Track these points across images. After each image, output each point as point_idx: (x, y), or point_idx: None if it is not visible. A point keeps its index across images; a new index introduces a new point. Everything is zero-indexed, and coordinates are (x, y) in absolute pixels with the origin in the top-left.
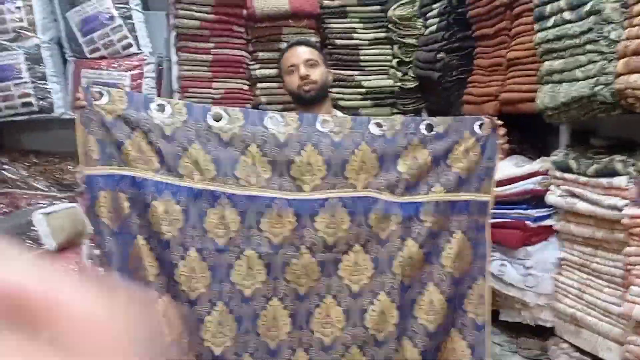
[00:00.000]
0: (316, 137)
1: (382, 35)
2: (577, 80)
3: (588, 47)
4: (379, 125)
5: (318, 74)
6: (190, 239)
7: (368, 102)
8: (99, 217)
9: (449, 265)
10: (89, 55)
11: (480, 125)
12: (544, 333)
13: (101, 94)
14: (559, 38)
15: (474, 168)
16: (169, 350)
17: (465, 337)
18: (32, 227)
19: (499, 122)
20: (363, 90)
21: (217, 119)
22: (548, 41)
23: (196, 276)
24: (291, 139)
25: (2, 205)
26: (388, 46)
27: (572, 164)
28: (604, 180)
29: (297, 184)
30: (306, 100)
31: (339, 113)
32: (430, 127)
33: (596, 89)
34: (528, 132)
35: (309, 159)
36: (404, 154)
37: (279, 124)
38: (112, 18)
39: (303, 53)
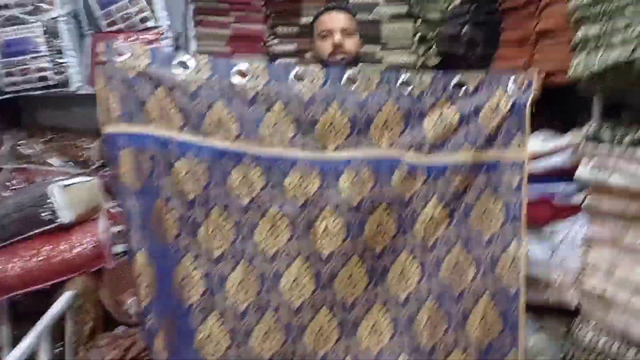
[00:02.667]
0: (341, 94)
1: (404, 10)
2: (614, 46)
3: (627, 10)
4: (407, 82)
5: (352, 44)
6: (214, 197)
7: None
8: (120, 177)
9: (477, 225)
10: (106, 29)
11: (515, 81)
12: (569, 313)
13: (123, 50)
14: (595, 2)
15: (506, 126)
16: None
17: (496, 305)
18: (48, 200)
19: (536, 74)
20: (383, 66)
21: (242, 75)
22: (583, 6)
23: (220, 234)
24: (316, 97)
25: (18, 180)
26: (410, 21)
27: (606, 134)
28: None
29: (322, 143)
30: None
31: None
32: (461, 85)
33: (635, 54)
34: (556, 108)
35: (333, 118)
36: (430, 112)
37: (305, 80)
38: None
39: (340, 20)
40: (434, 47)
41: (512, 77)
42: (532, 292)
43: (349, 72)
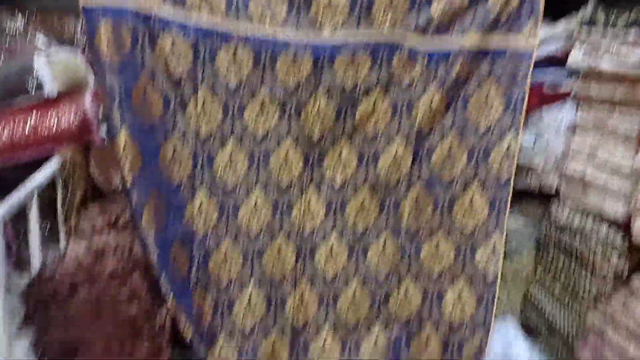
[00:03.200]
0: None
1: None
2: None
3: None
4: None
5: None
6: (201, 77)
7: None
8: (99, 52)
9: (473, 115)
10: None
11: None
12: (548, 197)
13: None
14: None
15: (518, 9)
16: None
17: (486, 191)
18: (34, 71)
19: None
20: None
21: None
22: None
23: (207, 113)
24: None
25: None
26: None
27: (601, 16)
28: (632, 32)
29: (317, 23)
30: None
31: None
32: None
33: None
34: None
35: None
36: None
37: None
38: None
39: None
40: None
41: None
42: (514, 177)
43: None
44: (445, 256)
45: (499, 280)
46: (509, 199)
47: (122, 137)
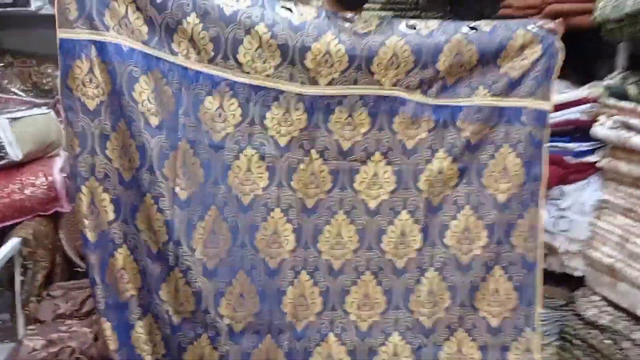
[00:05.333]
0: (337, 27)
1: None
2: None
3: None
4: (411, 26)
5: None
6: (182, 127)
7: (388, 13)
8: (73, 92)
9: (491, 186)
10: None
11: (535, 24)
12: (571, 283)
13: None
14: None
15: (530, 68)
16: None
17: (511, 277)
18: None
19: (556, 24)
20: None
21: None
22: None
23: (187, 172)
24: (308, 24)
25: None
26: None
27: (631, 89)
28: None
29: (312, 76)
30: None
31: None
32: (473, 28)
33: None
34: (574, 54)
35: (328, 47)
36: (445, 48)
37: (293, 12)
38: None
39: None
40: None
41: (532, 23)
42: None
43: (344, 14)
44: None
45: None
46: (538, 284)
47: (87, 190)
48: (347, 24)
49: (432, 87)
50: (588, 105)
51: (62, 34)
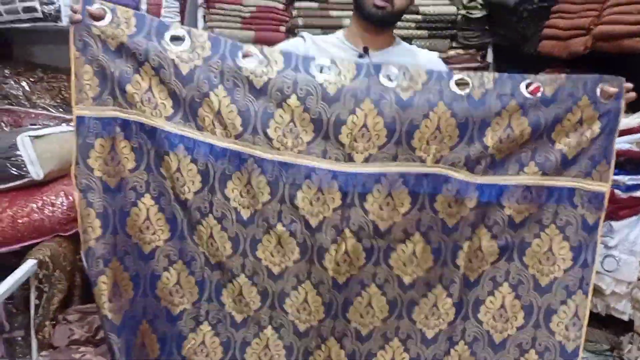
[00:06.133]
0: (378, 91)
1: None
2: None
3: None
4: (463, 82)
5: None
6: (209, 204)
7: (423, 32)
8: (93, 172)
9: (533, 266)
10: None
11: (600, 89)
12: (617, 326)
13: (103, 12)
14: None
15: (587, 146)
16: None
17: None
18: (17, 152)
19: (628, 84)
20: (419, 17)
21: (250, 58)
22: None
23: (215, 244)
24: (344, 92)
25: (2, 123)
26: None
27: None
28: None
29: (347, 152)
30: (374, 20)
31: (405, 45)
32: (529, 88)
33: None
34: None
35: (365, 120)
36: (495, 121)
37: (330, 72)
38: None
39: None
40: None
41: (600, 85)
42: None
43: (388, 66)
44: None
45: None
46: None
47: (110, 273)
48: (389, 84)
49: (480, 164)
50: (638, 135)
51: (79, 110)
